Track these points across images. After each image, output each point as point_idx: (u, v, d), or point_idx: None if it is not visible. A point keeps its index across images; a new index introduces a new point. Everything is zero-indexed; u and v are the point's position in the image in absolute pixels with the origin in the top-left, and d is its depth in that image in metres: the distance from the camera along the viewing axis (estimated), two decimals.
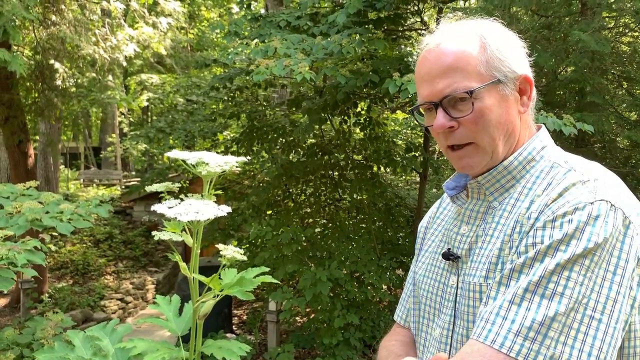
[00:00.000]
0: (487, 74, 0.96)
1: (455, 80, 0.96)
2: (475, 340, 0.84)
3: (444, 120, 0.98)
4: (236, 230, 6.89)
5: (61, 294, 8.12)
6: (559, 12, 5.25)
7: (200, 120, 7.34)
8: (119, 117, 18.76)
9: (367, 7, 4.50)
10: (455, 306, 1.00)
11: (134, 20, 9.40)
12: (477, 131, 0.97)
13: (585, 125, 3.83)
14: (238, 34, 4.94)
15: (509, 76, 0.98)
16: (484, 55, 0.97)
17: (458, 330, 0.98)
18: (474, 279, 0.96)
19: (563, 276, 0.81)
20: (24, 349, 3.80)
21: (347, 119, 6.54)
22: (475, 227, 1.02)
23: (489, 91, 0.96)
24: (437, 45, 1.00)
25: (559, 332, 0.79)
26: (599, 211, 0.84)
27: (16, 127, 7.33)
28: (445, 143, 1.01)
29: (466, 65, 0.96)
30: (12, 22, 4.75)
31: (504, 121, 0.98)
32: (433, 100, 0.99)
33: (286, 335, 6.77)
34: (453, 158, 1.02)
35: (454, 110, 0.97)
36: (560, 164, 0.96)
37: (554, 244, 0.83)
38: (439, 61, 0.98)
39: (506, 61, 0.98)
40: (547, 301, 0.80)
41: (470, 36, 0.99)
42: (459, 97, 0.96)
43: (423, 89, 1.01)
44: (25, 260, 2.20)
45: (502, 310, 0.83)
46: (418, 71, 1.04)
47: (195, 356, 0.92)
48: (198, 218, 0.85)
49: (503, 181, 1.00)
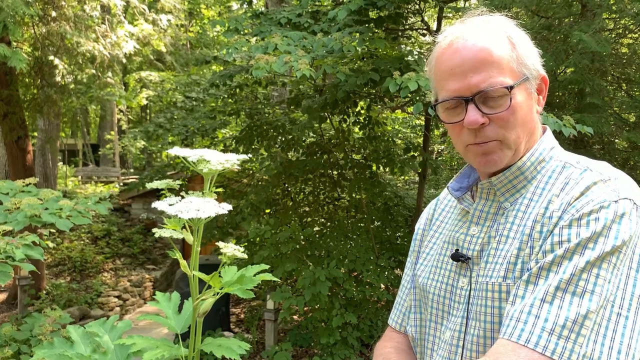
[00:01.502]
0: (518, 70, 0.95)
1: (490, 75, 0.93)
2: (507, 340, 0.83)
3: (477, 116, 0.94)
4: (235, 229, 6.89)
5: (59, 291, 8.11)
6: (559, 13, 5.25)
7: (200, 117, 7.33)
8: (117, 114, 18.75)
9: (369, 5, 4.49)
10: (467, 307, 0.99)
11: (134, 17, 9.38)
12: (508, 128, 0.95)
13: (585, 127, 3.83)
14: (239, 30, 4.93)
15: (534, 74, 0.98)
16: (514, 51, 0.95)
17: (471, 332, 0.97)
18: (491, 279, 0.94)
19: (593, 274, 0.81)
20: (22, 345, 3.80)
21: (347, 118, 6.54)
22: (486, 227, 1.01)
23: (519, 88, 0.95)
24: (465, 38, 0.96)
25: (591, 330, 0.79)
26: (624, 209, 0.84)
27: (15, 123, 7.32)
28: (471, 140, 0.97)
29: (500, 59, 0.94)
30: (12, 18, 4.73)
31: (529, 119, 0.97)
32: (464, 95, 0.95)
33: (284, 333, 6.77)
34: (476, 153, 0.98)
35: (485, 107, 0.94)
36: (572, 164, 0.96)
37: (582, 242, 0.83)
38: (471, 54, 0.94)
39: (531, 59, 0.97)
40: (578, 299, 0.80)
41: (499, 32, 0.97)
42: (497, 93, 0.93)
43: (451, 83, 0.96)
44: (23, 255, 2.20)
45: (534, 309, 0.82)
46: (442, 63, 0.98)
47: (194, 354, 0.91)
48: (199, 216, 0.85)
49: (515, 182, 0.99)
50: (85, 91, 8.54)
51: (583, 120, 4.15)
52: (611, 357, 0.78)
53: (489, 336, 0.94)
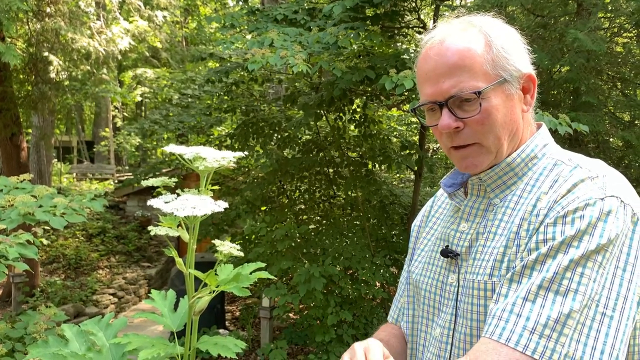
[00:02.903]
0: (493, 73, 0.94)
1: (461, 79, 0.93)
2: (488, 339, 0.82)
3: (449, 120, 0.95)
4: (230, 226, 6.88)
5: (53, 288, 8.08)
6: (554, 12, 5.26)
7: (196, 114, 7.31)
8: (112, 111, 18.66)
9: (365, 2, 4.48)
10: (456, 304, 0.99)
11: (129, 13, 9.33)
12: (484, 132, 0.95)
13: (581, 125, 3.85)
14: (235, 27, 4.92)
15: (514, 75, 0.97)
16: (490, 53, 0.95)
17: (460, 329, 0.97)
18: (477, 276, 0.94)
19: (577, 272, 0.80)
20: (16, 343, 3.77)
21: (342, 115, 6.54)
22: (475, 224, 1.01)
23: (495, 91, 0.95)
24: (441, 42, 0.96)
25: (573, 330, 0.78)
26: (610, 207, 0.84)
27: (9, 119, 7.27)
28: (449, 144, 0.99)
29: (472, 64, 0.94)
30: (7, 13, 4.70)
31: (509, 121, 0.97)
32: (438, 100, 0.96)
33: (279, 331, 6.77)
34: (456, 157, 1.00)
35: (459, 111, 0.95)
36: (564, 161, 0.95)
37: (566, 240, 0.82)
38: (444, 59, 0.95)
39: (511, 60, 0.96)
40: (561, 298, 0.79)
41: (475, 33, 0.96)
42: (466, 97, 0.93)
43: (427, 87, 0.98)
44: (17, 253, 2.18)
45: (515, 307, 0.81)
46: (420, 68, 1.00)
47: (190, 352, 0.91)
48: (195, 213, 0.84)
49: (505, 178, 0.99)
50: (80, 88, 8.48)
51: (578, 118, 4.16)
52: (594, 357, 0.77)
53: (476, 334, 0.94)
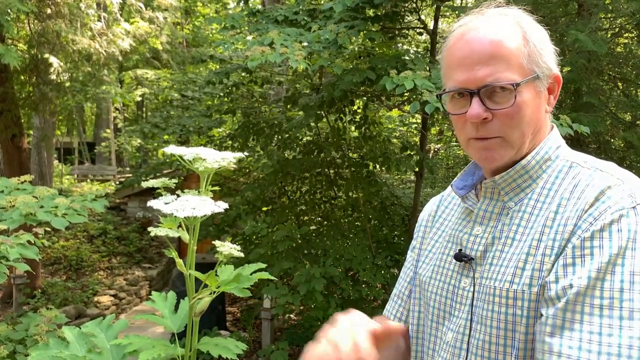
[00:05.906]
0: (528, 67, 0.93)
1: (497, 69, 0.91)
2: None
3: (479, 110, 0.92)
4: (231, 227, 6.88)
5: (54, 290, 8.07)
6: (555, 12, 5.26)
7: (196, 115, 7.32)
8: (113, 112, 18.66)
9: (365, 2, 4.48)
10: (471, 310, 0.96)
11: (130, 14, 9.34)
12: (511, 126, 0.93)
13: (582, 126, 3.84)
14: (235, 28, 4.93)
15: (545, 73, 0.95)
16: (527, 47, 0.93)
17: (477, 336, 0.94)
18: (497, 283, 0.92)
19: (635, 290, 0.78)
20: (17, 345, 3.77)
21: (343, 116, 6.54)
22: (490, 227, 0.99)
23: (527, 86, 0.93)
24: (478, 29, 0.94)
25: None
26: None
27: (10, 121, 7.27)
28: (473, 134, 0.96)
29: (510, 55, 0.92)
30: (7, 15, 4.70)
31: (535, 118, 0.95)
32: (469, 88, 0.93)
33: (280, 332, 6.77)
34: (475, 147, 0.97)
35: (489, 102, 0.93)
36: (579, 163, 0.94)
37: (612, 260, 0.80)
38: (482, 46, 0.92)
39: (544, 57, 0.95)
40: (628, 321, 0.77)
41: (513, 25, 0.95)
42: (502, 87, 0.91)
43: (458, 73, 0.94)
44: (18, 254, 2.18)
45: (584, 343, 0.78)
46: (452, 53, 0.97)
47: (191, 353, 0.91)
48: (195, 214, 0.84)
49: (520, 181, 0.97)
50: (81, 89, 8.49)
51: (579, 119, 4.16)
52: None
53: (494, 342, 0.92)
